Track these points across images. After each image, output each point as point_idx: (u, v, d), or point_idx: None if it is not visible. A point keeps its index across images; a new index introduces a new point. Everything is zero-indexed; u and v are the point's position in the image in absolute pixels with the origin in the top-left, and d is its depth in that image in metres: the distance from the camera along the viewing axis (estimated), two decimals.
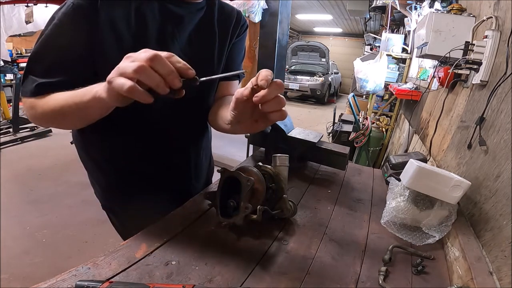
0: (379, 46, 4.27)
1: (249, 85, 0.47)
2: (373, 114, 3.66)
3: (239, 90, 0.49)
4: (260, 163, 0.77)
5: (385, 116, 3.61)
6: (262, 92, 0.44)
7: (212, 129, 0.92)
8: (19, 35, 4.76)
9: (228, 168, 0.75)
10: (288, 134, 1.10)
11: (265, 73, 0.45)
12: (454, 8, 1.41)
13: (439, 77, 1.44)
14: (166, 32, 0.69)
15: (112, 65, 0.43)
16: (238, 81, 0.91)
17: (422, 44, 1.52)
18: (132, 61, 0.41)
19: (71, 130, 0.86)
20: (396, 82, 3.35)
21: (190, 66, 0.43)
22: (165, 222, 0.70)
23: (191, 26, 0.73)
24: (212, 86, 0.84)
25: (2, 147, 3.49)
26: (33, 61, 0.61)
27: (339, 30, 11.26)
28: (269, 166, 0.78)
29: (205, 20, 0.76)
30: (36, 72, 0.60)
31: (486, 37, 1.02)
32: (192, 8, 0.72)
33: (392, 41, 3.35)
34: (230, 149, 3.57)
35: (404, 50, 3.35)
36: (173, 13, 0.69)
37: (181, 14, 0.70)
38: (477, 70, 1.07)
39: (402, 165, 0.97)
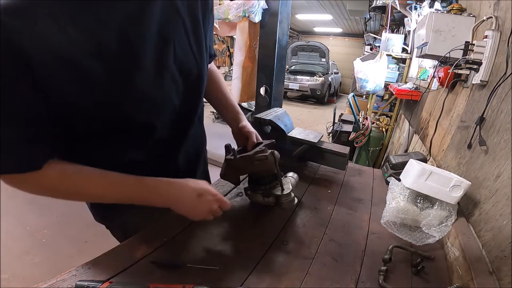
0: (379, 46, 4.26)
1: None
2: (373, 114, 3.66)
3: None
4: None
5: (385, 116, 3.60)
6: None
7: (207, 130, 0.89)
8: None
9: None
10: (288, 134, 1.10)
11: None
12: (454, 8, 1.41)
13: (439, 77, 1.44)
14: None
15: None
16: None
17: (422, 44, 1.52)
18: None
19: None
20: (396, 82, 3.34)
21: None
22: (165, 222, 0.70)
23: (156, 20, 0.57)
24: (203, 87, 0.75)
25: None
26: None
27: (339, 30, 11.26)
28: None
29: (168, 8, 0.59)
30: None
31: (486, 37, 1.02)
32: None
33: (392, 41, 3.35)
34: None
35: (404, 50, 3.34)
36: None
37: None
38: (477, 70, 1.07)
39: (402, 165, 0.97)
